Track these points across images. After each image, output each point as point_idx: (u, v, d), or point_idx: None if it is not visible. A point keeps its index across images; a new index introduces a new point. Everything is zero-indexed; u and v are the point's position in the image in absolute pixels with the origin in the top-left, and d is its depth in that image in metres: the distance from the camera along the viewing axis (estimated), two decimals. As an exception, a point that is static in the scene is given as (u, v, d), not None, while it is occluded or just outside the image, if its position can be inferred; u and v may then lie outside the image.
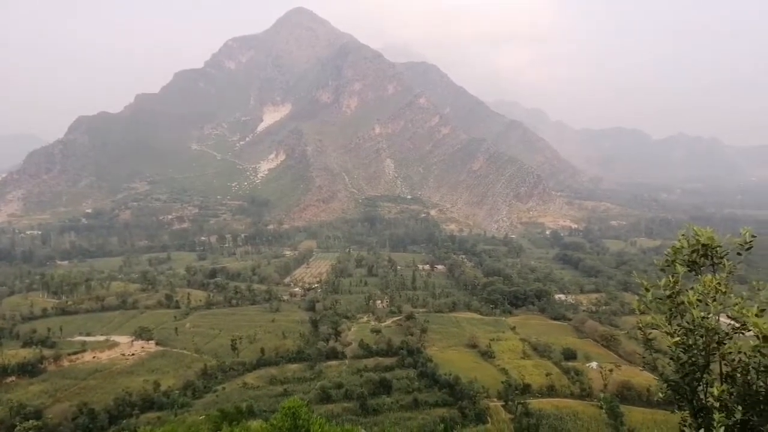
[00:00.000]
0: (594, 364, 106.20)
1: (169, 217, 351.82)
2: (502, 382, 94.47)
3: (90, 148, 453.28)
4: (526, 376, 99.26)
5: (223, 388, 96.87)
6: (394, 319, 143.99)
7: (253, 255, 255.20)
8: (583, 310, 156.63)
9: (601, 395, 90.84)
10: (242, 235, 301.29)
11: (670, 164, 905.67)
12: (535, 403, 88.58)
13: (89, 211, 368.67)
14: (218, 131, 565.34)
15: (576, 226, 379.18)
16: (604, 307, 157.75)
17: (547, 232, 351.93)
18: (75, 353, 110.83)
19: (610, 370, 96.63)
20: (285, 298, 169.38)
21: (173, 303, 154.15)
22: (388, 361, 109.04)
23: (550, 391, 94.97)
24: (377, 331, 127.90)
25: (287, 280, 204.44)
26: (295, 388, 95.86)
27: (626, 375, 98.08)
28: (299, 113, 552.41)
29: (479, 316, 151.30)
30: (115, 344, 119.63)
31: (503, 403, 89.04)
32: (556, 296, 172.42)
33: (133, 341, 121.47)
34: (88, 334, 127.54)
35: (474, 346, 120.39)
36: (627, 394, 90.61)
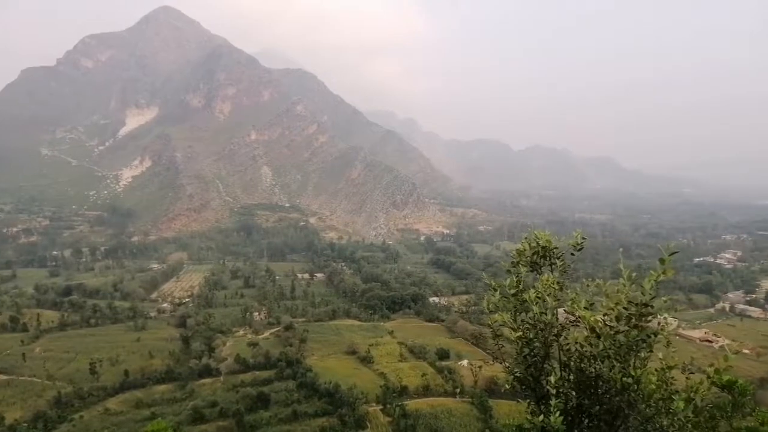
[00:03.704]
0: (465, 362, 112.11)
1: (15, 230, 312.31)
2: (381, 386, 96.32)
3: None
4: (403, 378, 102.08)
5: (81, 417, 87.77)
6: (273, 330, 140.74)
7: (115, 270, 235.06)
8: (455, 311, 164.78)
9: (473, 391, 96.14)
10: (102, 249, 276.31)
11: (529, 173, 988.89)
12: (412, 404, 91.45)
13: None
14: (73, 135, 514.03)
15: (448, 231, 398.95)
16: (473, 308, 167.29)
17: (422, 238, 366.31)
18: None
19: (479, 367, 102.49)
20: (152, 314, 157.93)
21: (20, 326, 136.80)
22: (266, 374, 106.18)
23: (426, 391, 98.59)
24: (255, 344, 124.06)
25: (154, 295, 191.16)
26: (164, 410, 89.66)
27: (493, 371, 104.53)
28: (167, 117, 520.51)
29: (359, 323, 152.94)
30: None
31: (382, 407, 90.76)
32: (431, 299, 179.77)
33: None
34: None
35: (354, 352, 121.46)
36: (495, 389, 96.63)
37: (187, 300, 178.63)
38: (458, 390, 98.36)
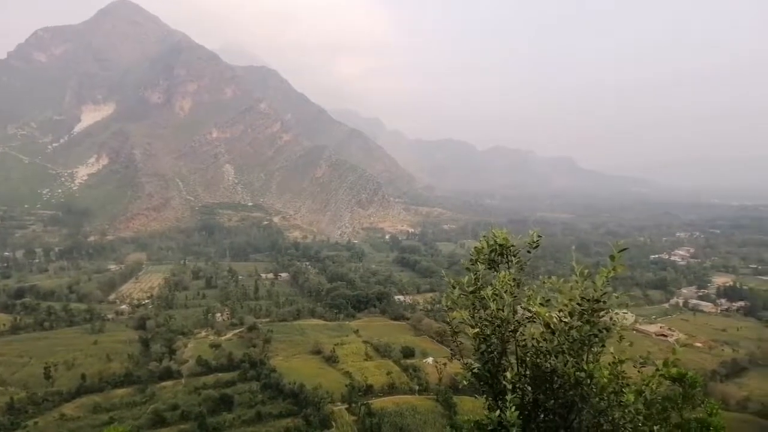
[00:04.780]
0: (430, 360, 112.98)
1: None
2: (346, 386, 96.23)
3: None
4: (368, 377, 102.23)
5: (36, 423, 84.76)
6: (236, 331, 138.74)
7: (70, 271, 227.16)
8: (420, 309, 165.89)
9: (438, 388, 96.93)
10: (56, 249, 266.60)
11: (493, 173, 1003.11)
12: (377, 403, 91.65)
13: None
14: (25, 131, 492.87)
15: (413, 230, 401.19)
16: (438, 305, 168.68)
17: (387, 237, 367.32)
18: None
19: (444, 364, 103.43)
20: (110, 317, 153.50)
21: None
22: (229, 376, 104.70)
23: (391, 390, 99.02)
24: (217, 346, 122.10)
25: (112, 297, 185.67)
26: (123, 414, 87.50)
27: (458, 368, 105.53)
28: (125, 114, 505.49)
29: (324, 322, 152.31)
30: None
31: (347, 406, 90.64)
32: (396, 297, 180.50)
33: None
34: None
35: (319, 352, 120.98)
36: (459, 385, 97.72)
37: (146, 301, 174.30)
38: (417, 388, 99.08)
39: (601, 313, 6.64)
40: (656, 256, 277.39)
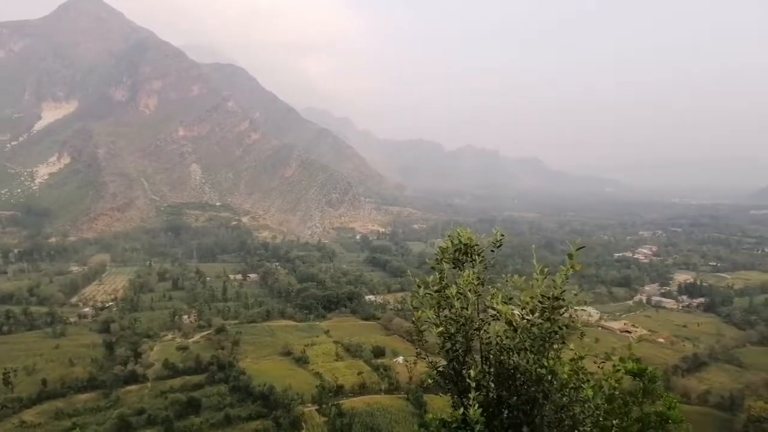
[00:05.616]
0: (400, 359, 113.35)
1: None
2: (317, 387, 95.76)
3: None
4: (339, 377, 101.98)
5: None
6: (204, 333, 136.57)
7: (30, 273, 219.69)
8: (391, 309, 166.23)
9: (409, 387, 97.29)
10: (16, 251, 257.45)
11: (461, 173, 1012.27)
12: (348, 403, 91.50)
13: None
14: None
15: (383, 230, 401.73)
16: (408, 305, 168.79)
17: (358, 237, 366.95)
18: None
19: (414, 363, 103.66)
20: (72, 320, 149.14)
21: None
22: (196, 378, 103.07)
23: (362, 390, 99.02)
24: (184, 348, 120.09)
25: (75, 299, 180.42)
26: (87, 420, 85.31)
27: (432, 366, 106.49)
28: (88, 111, 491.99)
29: (294, 323, 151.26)
30: None
31: (318, 407, 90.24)
32: (367, 297, 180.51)
33: None
34: None
35: (289, 353, 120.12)
36: (430, 384, 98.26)
37: (110, 304, 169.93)
38: (388, 387, 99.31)
39: (561, 311, 6.77)
40: (620, 254, 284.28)
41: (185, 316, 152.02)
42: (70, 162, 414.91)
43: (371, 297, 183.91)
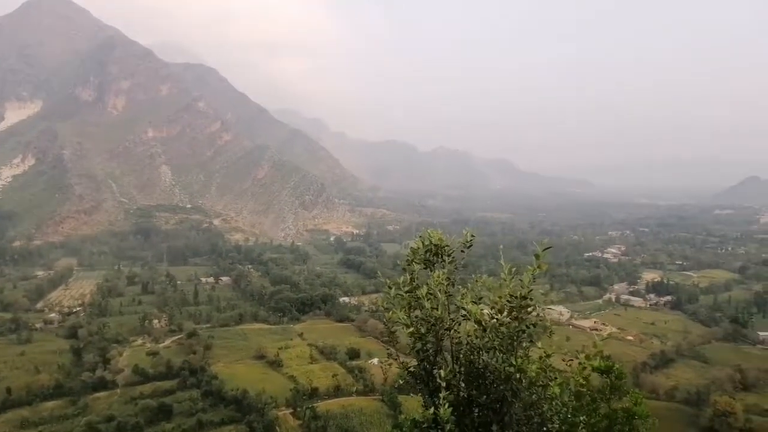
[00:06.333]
0: (375, 360, 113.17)
1: None
2: (291, 390, 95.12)
3: None
4: (313, 380, 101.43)
5: (-47, 444, 79.02)
6: (175, 338, 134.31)
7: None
8: (365, 310, 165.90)
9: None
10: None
11: (434, 174, 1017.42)
12: (323, 406, 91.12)
13: None
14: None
15: (358, 231, 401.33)
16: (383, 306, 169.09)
17: (332, 239, 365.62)
18: None
19: (390, 364, 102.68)
20: (38, 326, 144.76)
21: None
22: (168, 384, 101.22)
23: (337, 392, 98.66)
24: (155, 354, 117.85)
25: (40, 305, 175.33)
26: (54, 428, 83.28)
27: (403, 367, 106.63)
28: (53, 112, 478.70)
29: (267, 326, 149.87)
30: None
31: (292, 411, 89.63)
32: (341, 299, 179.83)
33: None
34: None
35: (262, 356, 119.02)
36: (403, 385, 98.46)
37: (78, 309, 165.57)
38: (358, 389, 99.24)
39: (529, 309, 6.88)
40: (590, 254, 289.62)
41: (155, 321, 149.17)
42: (34, 163, 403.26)
43: (345, 299, 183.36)
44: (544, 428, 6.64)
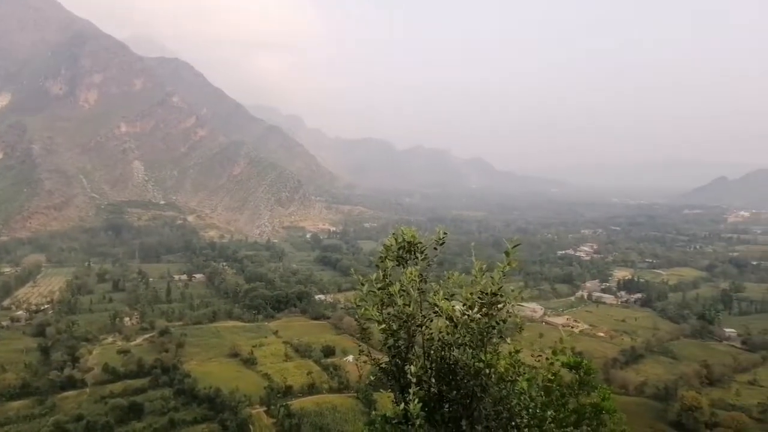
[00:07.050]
0: (350, 357, 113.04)
1: None
2: (265, 388, 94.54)
3: None
4: (288, 378, 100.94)
5: None
6: (146, 336, 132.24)
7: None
8: (341, 308, 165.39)
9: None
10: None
11: (412, 172, 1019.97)
12: (297, 404, 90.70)
13: None
14: None
15: (334, 228, 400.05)
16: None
17: (308, 236, 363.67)
18: None
19: (364, 362, 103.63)
20: (4, 324, 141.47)
21: None
22: (139, 382, 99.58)
23: (311, 390, 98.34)
24: (125, 352, 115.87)
25: (7, 302, 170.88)
26: (20, 428, 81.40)
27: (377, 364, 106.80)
28: (22, 105, 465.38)
29: (241, 324, 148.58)
30: None
31: (266, 409, 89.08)
32: (317, 297, 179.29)
33: None
34: None
35: (236, 354, 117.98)
36: (375, 382, 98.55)
37: (46, 306, 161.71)
38: (332, 387, 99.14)
39: (499, 306, 6.96)
40: (563, 251, 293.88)
41: (126, 319, 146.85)
42: (2, 158, 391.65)
43: (321, 296, 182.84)
44: (513, 423, 6.73)
